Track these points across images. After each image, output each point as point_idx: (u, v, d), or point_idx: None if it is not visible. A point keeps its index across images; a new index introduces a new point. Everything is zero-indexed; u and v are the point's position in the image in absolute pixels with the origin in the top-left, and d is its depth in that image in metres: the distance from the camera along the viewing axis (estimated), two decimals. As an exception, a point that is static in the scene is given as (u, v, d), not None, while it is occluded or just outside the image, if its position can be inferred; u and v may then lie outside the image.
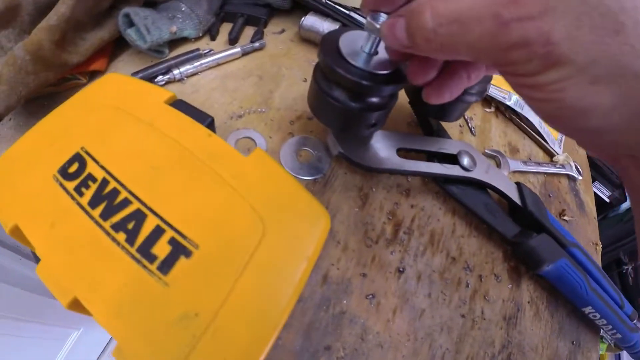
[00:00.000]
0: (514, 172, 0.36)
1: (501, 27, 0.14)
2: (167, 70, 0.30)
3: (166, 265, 0.19)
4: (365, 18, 0.24)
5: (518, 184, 0.33)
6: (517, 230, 0.31)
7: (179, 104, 0.25)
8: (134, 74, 0.30)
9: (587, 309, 0.32)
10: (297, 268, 0.20)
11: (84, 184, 0.21)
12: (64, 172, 0.22)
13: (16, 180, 0.22)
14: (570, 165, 0.39)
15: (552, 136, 0.41)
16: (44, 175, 0.22)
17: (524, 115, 0.39)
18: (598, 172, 1.06)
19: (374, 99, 0.24)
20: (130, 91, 0.25)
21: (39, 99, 0.29)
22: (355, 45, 0.23)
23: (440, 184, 0.30)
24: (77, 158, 0.22)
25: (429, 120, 0.32)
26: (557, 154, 0.40)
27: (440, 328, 0.27)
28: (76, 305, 0.19)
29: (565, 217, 0.36)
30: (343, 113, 0.24)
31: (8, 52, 0.23)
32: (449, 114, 0.30)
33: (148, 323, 0.18)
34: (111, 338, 0.90)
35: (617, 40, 0.13)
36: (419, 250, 0.29)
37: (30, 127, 0.24)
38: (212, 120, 0.25)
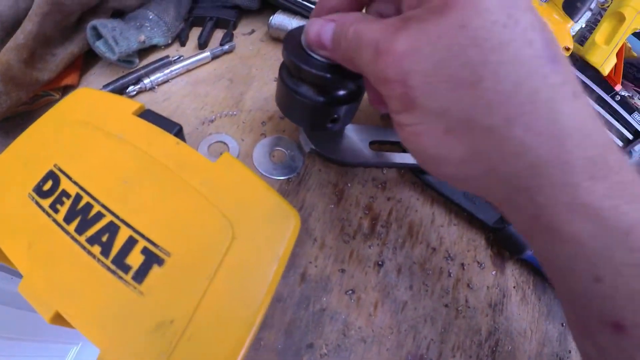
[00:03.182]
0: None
1: (376, 58, 0.15)
2: (138, 80, 0.32)
3: (140, 275, 0.20)
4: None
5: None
6: (497, 217, 0.32)
7: (147, 114, 0.26)
8: (105, 86, 0.31)
9: (573, 290, 0.33)
10: (268, 268, 0.21)
11: (59, 201, 0.23)
12: (38, 190, 0.23)
13: (-7, 201, 0.24)
14: None
15: None
16: (20, 194, 0.23)
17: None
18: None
19: (341, 92, 0.25)
20: (100, 105, 0.26)
21: (14, 118, 0.30)
22: None
23: (417, 174, 0.32)
24: (51, 175, 0.24)
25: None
26: None
27: (423, 319, 0.28)
28: (58, 319, 0.21)
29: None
30: (311, 109, 0.25)
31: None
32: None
33: (127, 332, 0.19)
34: None
35: (472, 93, 0.14)
36: (398, 242, 0.30)
37: (6, 146, 0.26)
38: (181, 128, 0.26)
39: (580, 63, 0.48)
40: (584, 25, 0.50)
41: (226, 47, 0.35)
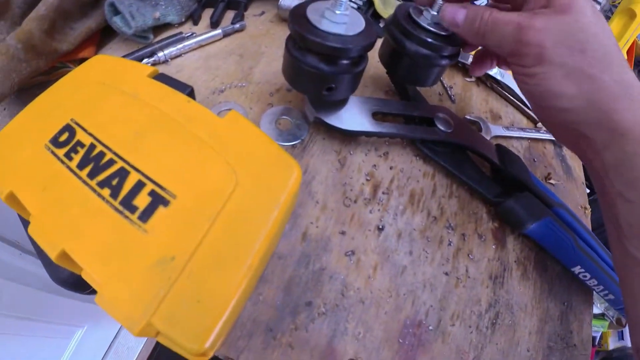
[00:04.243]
0: (496, 137, 0.38)
1: (519, 30, 0.24)
2: (152, 53, 0.33)
3: (146, 215, 0.21)
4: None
5: (498, 145, 0.34)
6: (498, 190, 0.32)
7: (161, 77, 0.27)
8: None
9: (577, 269, 0.32)
10: (268, 215, 0.22)
11: (74, 150, 0.24)
12: (55, 141, 0.24)
13: (12, 153, 0.25)
14: None
15: None
16: (37, 145, 0.24)
17: (505, 84, 0.41)
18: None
19: (344, 61, 0.26)
20: (116, 69, 0.28)
21: (32, 88, 0.31)
22: (322, 12, 0.25)
23: (419, 145, 0.32)
24: (67, 128, 0.25)
25: (405, 87, 0.34)
26: None
27: (423, 285, 0.28)
28: (64, 258, 0.21)
29: (552, 181, 0.37)
30: (316, 77, 0.26)
31: (1, 42, 0.26)
32: (422, 79, 0.32)
33: (129, 268, 0.20)
34: (116, 335, 0.93)
35: (581, 55, 0.23)
36: (399, 209, 0.30)
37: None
38: (192, 90, 0.27)
39: None
40: None
41: (237, 25, 0.37)
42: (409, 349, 0.26)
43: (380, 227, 0.29)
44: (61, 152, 0.24)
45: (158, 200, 0.21)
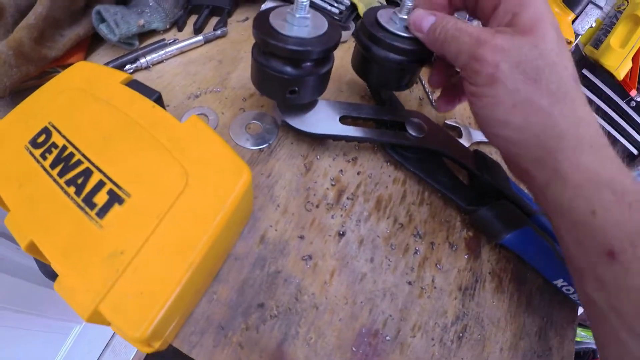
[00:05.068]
0: (479, 142, 0.39)
1: (477, 44, 0.25)
2: (135, 60, 0.37)
3: (103, 211, 0.24)
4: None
5: (476, 151, 0.35)
6: (472, 198, 0.33)
7: (132, 83, 0.31)
8: (106, 63, 0.37)
9: (559, 282, 0.33)
10: (213, 215, 0.24)
11: (48, 150, 0.28)
12: (33, 142, 0.29)
13: (-3, 152, 0.29)
14: None
15: None
16: (19, 146, 0.29)
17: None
18: None
19: (307, 63, 0.29)
20: (94, 75, 0.32)
21: (25, 92, 0.36)
22: (284, 17, 0.28)
23: (389, 151, 0.34)
24: (45, 131, 0.29)
25: (379, 92, 0.36)
26: None
27: (382, 294, 0.30)
28: (33, 248, 0.25)
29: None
30: (279, 81, 0.29)
31: (-6, 49, 0.31)
32: (395, 83, 0.34)
33: (84, 260, 0.23)
34: (114, 334, 1.00)
35: (534, 85, 0.24)
36: (363, 215, 0.32)
37: (16, 114, 0.32)
38: (160, 96, 0.31)
39: (595, 67, 0.48)
40: (594, 25, 0.50)
41: (218, 32, 0.40)
42: (362, 358, 0.28)
43: (341, 232, 0.31)
44: (38, 152, 0.28)
45: (114, 198, 0.25)
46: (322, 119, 0.33)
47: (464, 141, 0.38)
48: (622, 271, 0.21)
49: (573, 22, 0.48)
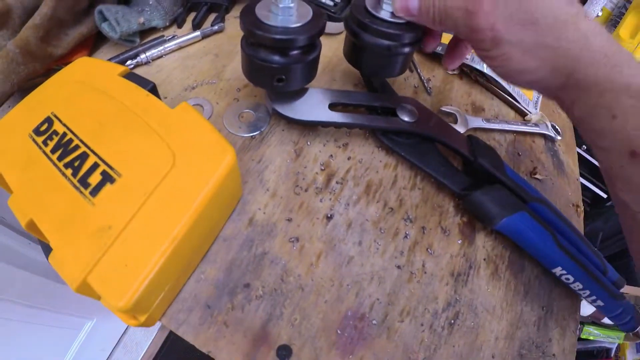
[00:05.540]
0: (475, 129, 0.39)
1: (468, 16, 0.27)
2: (136, 55, 0.40)
3: (95, 190, 0.27)
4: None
5: (470, 136, 0.36)
6: (465, 184, 0.34)
7: (129, 76, 0.34)
8: (109, 60, 0.40)
9: (557, 270, 0.33)
10: (197, 193, 0.27)
11: (50, 137, 0.31)
12: (37, 130, 0.32)
13: (4, 141, 0.33)
14: (546, 124, 0.41)
15: (526, 97, 0.43)
16: (24, 134, 0.32)
17: (491, 76, 0.42)
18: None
19: (294, 52, 0.31)
20: (93, 69, 0.35)
21: (32, 88, 0.40)
22: (268, 7, 0.30)
23: (379, 136, 0.35)
24: (47, 120, 0.32)
25: (371, 79, 0.38)
26: (531, 113, 0.41)
27: (370, 277, 0.31)
28: (32, 226, 0.28)
29: (537, 176, 0.38)
30: (267, 70, 0.31)
31: (3, 49, 0.35)
32: (387, 70, 0.35)
33: (76, 234, 0.26)
34: (125, 330, 1.04)
35: (534, 27, 0.26)
36: (352, 199, 0.33)
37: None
38: (154, 86, 0.34)
39: None
40: (600, 14, 0.50)
41: (215, 27, 0.43)
42: (347, 341, 0.29)
43: (329, 215, 0.32)
44: (40, 139, 0.31)
45: (107, 178, 0.27)
46: (312, 106, 0.34)
47: (460, 127, 0.39)
48: None
49: None
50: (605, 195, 0.84)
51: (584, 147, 0.87)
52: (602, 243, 0.93)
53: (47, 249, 0.39)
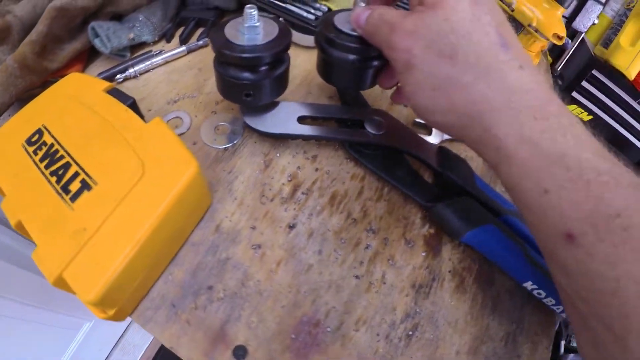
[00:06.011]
0: (451, 140, 0.44)
1: (391, 32, 0.28)
2: (125, 70, 0.48)
3: (75, 196, 0.34)
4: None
5: (440, 147, 0.41)
6: (430, 195, 0.39)
7: (112, 91, 0.41)
8: (100, 74, 0.48)
9: (528, 284, 0.36)
10: (161, 200, 0.33)
11: (39, 148, 0.38)
12: (29, 141, 0.39)
13: (0, 149, 0.41)
14: None
15: None
16: (17, 144, 0.39)
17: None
18: None
19: (261, 68, 0.37)
20: (82, 84, 0.42)
21: (30, 99, 0.48)
22: (236, 27, 0.37)
23: (347, 148, 0.40)
24: (38, 131, 0.39)
25: (344, 93, 0.43)
26: None
27: (328, 285, 0.36)
28: (20, 226, 0.35)
29: (514, 188, 0.41)
30: (235, 86, 0.37)
31: (2, 63, 0.43)
32: (357, 83, 0.40)
33: (57, 235, 0.32)
34: (124, 332, 1.13)
35: (451, 62, 0.25)
36: (316, 209, 0.39)
37: (21, 117, 0.43)
38: (134, 101, 0.40)
39: (605, 67, 0.51)
40: (596, 21, 0.53)
41: (201, 42, 0.50)
42: (301, 346, 0.33)
43: (292, 225, 0.38)
44: (31, 149, 0.38)
45: (85, 186, 0.34)
46: (281, 119, 0.40)
47: (434, 139, 0.43)
48: (584, 255, 0.21)
49: (573, 20, 0.52)
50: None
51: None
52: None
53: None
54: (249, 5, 0.34)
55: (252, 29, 0.35)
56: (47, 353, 0.86)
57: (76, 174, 0.35)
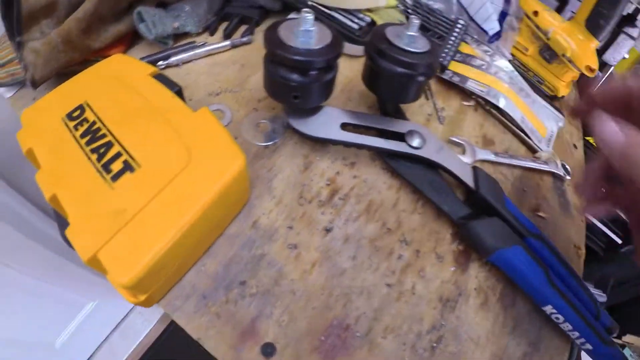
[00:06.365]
0: (482, 161, 0.43)
1: None
2: (167, 57, 0.46)
3: (116, 176, 0.32)
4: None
5: (474, 167, 0.40)
6: (464, 212, 0.38)
7: (158, 76, 0.39)
8: (142, 58, 0.46)
9: (548, 308, 0.35)
10: (206, 191, 0.31)
11: (80, 124, 0.36)
12: (69, 116, 0.37)
13: (38, 120, 0.38)
14: (556, 163, 0.44)
15: (539, 133, 0.46)
16: (56, 118, 0.37)
17: (505, 111, 0.46)
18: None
19: (312, 72, 0.36)
20: (127, 66, 0.41)
21: (68, 75, 0.46)
22: (291, 29, 0.35)
23: (385, 158, 0.39)
24: (80, 107, 0.37)
25: (385, 104, 0.42)
26: (542, 150, 0.45)
27: (360, 291, 0.34)
28: (54, 200, 0.33)
29: (540, 214, 0.41)
30: (284, 87, 0.36)
31: (47, 36, 0.41)
32: (401, 96, 0.39)
33: (94, 212, 0.30)
34: (125, 316, 1.09)
35: None
36: (352, 215, 0.37)
37: (58, 93, 0.41)
38: (180, 89, 0.39)
39: None
40: (627, 56, 0.54)
41: (245, 39, 0.48)
42: (329, 348, 0.32)
43: (328, 228, 0.36)
44: (72, 124, 0.36)
45: (127, 167, 0.32)
46: (324, 123, 0.39)
47: (467, 158, 0.43)
48: None
49: (604, 52, 0.52)
50: (620, 241, 0.84)
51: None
52: (614, 289, 0.93)
53: (62, 226, 0.44)
54: (305, 10, 0.33)
55: (306, 32, 0.34)
56: (45, 328, 0.83)
57: (118, 154, 0.33)
